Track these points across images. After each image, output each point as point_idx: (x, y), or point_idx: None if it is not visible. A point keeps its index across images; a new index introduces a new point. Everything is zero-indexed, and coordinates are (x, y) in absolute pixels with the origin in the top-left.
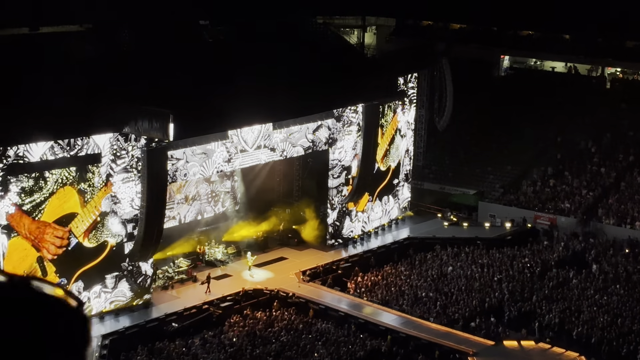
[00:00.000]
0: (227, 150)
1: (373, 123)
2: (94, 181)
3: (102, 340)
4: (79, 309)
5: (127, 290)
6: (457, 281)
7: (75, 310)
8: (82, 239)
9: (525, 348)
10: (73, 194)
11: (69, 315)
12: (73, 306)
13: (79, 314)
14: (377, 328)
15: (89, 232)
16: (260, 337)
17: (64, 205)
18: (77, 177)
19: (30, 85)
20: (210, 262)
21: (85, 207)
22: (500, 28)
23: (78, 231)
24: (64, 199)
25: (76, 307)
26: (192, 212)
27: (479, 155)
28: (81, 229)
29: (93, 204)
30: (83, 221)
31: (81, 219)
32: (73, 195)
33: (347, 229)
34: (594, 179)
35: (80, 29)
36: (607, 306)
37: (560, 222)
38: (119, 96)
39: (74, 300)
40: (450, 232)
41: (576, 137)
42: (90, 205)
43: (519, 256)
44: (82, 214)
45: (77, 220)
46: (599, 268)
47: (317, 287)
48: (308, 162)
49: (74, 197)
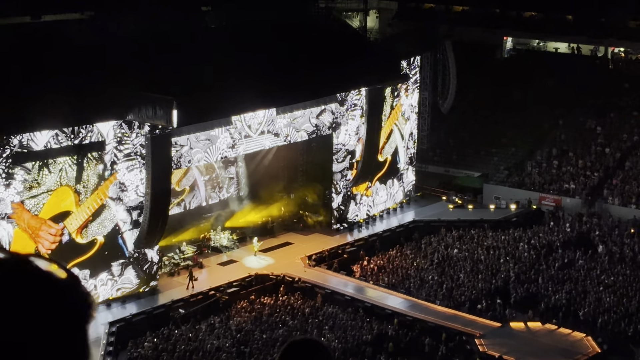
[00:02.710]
0: (231, 136)
1: (376, 106)
2: (91, 179)
3: (109, 327)
4: (79, 284)
5: (134, 278)
6: (462, 263)
7: (75, 285)
8: (75, 235)
9: (531, 329)
10: (70, 193)
11: (70, 290)
12: (74, 281)
13: (79, 288)
14: (383, 312)
15: (81, 229)
16: (267, 322)
17: (60, 203)
18: (76, 176)
19: (33, 74)
20: (215, 248)
21: (79, 207)
22: (503, 9)
23: (71, 228)
24: (62, 197)
25: (76, 282)
26: (197, 199)
27: (483, 137)
28: (74, 226)
29: (87, 203)
30: (76, 219)
31: (75, 217)
32: (69, 195)
33: (352, 213)
34: (599, 160)
35: (82, 16)
36: (613, 286)
37: (565, 203)
38: (122, 83)
39: (72, 276)
40: (455, 214)
41: (580, 117)
42: (84, 205)
43: (525, 238)
44: (75, 213)
45: (71, 218)
46: (605, 248)
47: (323, 272)
48: (312, 147)
49: (70, 196)
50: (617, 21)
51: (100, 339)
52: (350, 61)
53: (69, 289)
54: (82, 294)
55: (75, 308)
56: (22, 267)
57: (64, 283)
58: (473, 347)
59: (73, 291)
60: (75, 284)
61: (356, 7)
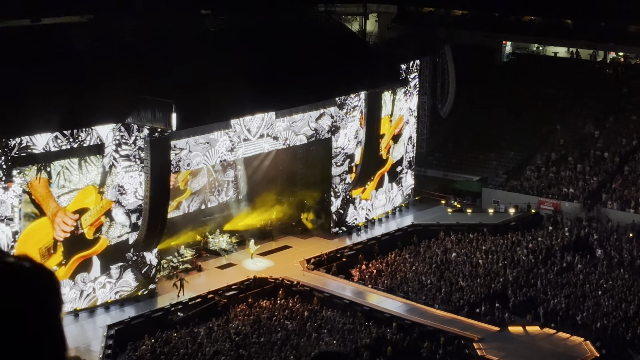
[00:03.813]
0: (230, 139)
1: (375, 110)
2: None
3: (107, 331)
4: (50, 274)
5: (132, 280)
6: (461, 267)
7: (47, 275)
8: (87, 231)
9: (530, 333)
10: (93, 192)
11: (42, 281)
12: (44, 272)
13: (51, 278)
14: (382, 315)
15: (93, 226)
16: (266, 325)
17: (84, 200)
18: (101, 180)
19: (32, 77)
20: (214, 252)
21: (97, 206)
22: (502, 14)
23: (85, 223)
24: (87, 195)
25: (47, 272)
26: (195, 202)
27: (482, 141)
28: (88, 222)
29: (102, 204)
30: (92, 216)
31: (90, 214)
32: (93, 194)
33: (351, 217)
34: (598, 164)
35: (81, 19)
36: (612, 291)
37: (564, 208)
38: (121, 86)
39: (41, 266)
40: (454, 218)
41: (579, 122)
42: (100, 204)
43: (523, 242)
44: (92, 211)
45: (87, 214)
46: (604, 253)
47: (322, 275)
48: (311, 150)
49: (93, 195)
50: (617, 26)
51: (99, 342)
52: (350, 65)
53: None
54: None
55: (51, 300)
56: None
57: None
58: (471, 351)
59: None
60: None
61: (356, 10)
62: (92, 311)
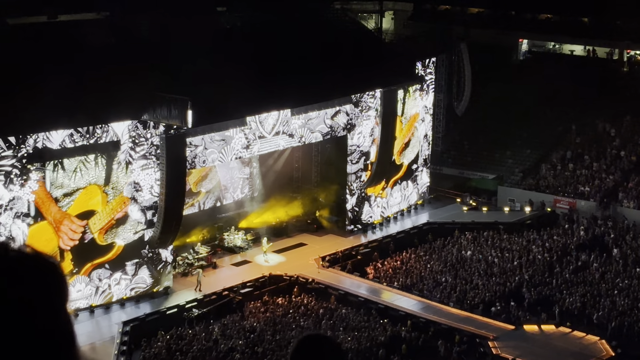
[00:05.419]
0: (246, 136)
1: (391, 108)
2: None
3: (122, 327)
4: (54, 265)
5: (148, 277)
6: (476, 266)
7: (51, 266)
8: (97, 236)
9: (545, 332)
10: (98, 193)
11: (48, 272)
12: (50, 264)
13: (55, 269)
14: (397, 313)
15: (104, 230)
16: (281, 322)
17: (88, 201)
18: (105, 177)
19: (49, 74)
20: (229, 249)
21: (105, 207)
22: (519, 11)
23: (95, 228)
24: (90, 195)
25: (51, 263)
26: (211, 199)
27: (497, 139)
28: (97, 227)
29: (112, 205)
30: (101, 220)
31: (99, 218)
32: (98, 194)
33: (366, 215)
34: (614, 163)
35: (97, 16)
36: (628, 290)
37: (580, 206)
38: (137, 83)
39: (45, 256)
40: (470, 216)
41: (595, 120)
42: (109, 205)
43: (539, 240)
44: (100, 213)
45: (96, 217)
46: (619, 252)
47: (337, 273)
48: (327, 148)
49: (98, 195)
50: (633, 24)
51: (114, 338)
52: (365, 62)
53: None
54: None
55: (57, 291)
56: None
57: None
58: (486, 349)
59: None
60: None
61: (372, 8)
62: (108, 307)
